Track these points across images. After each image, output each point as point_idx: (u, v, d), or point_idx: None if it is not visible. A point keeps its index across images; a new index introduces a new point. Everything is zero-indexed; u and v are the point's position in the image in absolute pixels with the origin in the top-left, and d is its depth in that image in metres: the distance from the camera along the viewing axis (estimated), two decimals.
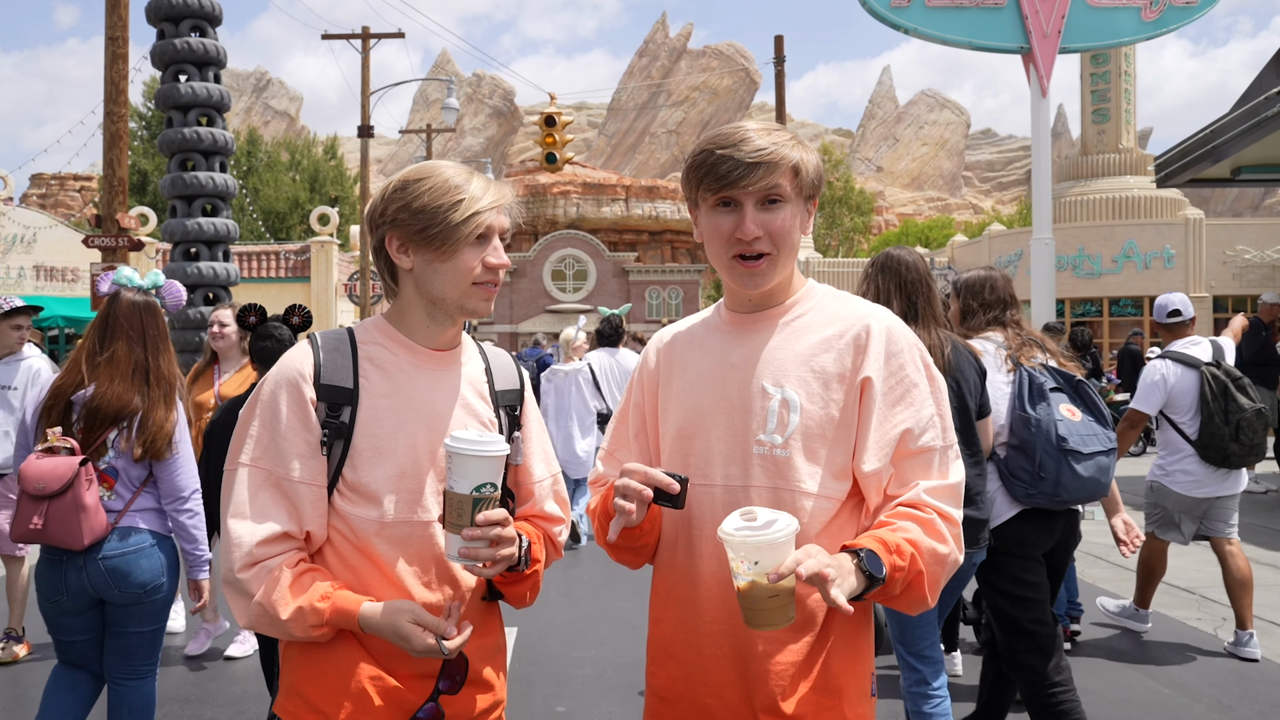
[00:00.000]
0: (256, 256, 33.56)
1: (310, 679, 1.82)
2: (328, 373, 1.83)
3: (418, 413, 1.85)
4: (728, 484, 1.78)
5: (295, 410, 1.81)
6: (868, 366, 1.77)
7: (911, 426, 1.76)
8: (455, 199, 1.81)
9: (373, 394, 1.84)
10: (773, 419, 1.77)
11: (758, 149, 1.72)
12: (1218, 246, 29.13)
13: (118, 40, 13.03)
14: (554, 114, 24.46)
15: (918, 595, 1.72)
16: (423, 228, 1.82)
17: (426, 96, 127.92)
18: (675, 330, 2.01)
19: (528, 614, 6.22)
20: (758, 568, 1.55)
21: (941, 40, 15.99)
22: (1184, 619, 6.14)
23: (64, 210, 68.90)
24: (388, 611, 1.73)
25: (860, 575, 1.62)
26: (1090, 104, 32.61)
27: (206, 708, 4.73)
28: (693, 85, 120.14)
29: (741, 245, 1.76)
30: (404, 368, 1.88)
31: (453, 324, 1.91)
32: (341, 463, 1.81)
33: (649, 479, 1.69)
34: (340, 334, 1.91)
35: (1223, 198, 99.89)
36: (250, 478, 1.79)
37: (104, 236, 13.15)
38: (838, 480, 1.76)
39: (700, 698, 1.80)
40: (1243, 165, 13.92)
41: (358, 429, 1.81)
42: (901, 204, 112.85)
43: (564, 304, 50.40)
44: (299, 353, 1.86)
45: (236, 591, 1.77)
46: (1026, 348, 3.88)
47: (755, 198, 1.74)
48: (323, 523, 1.82)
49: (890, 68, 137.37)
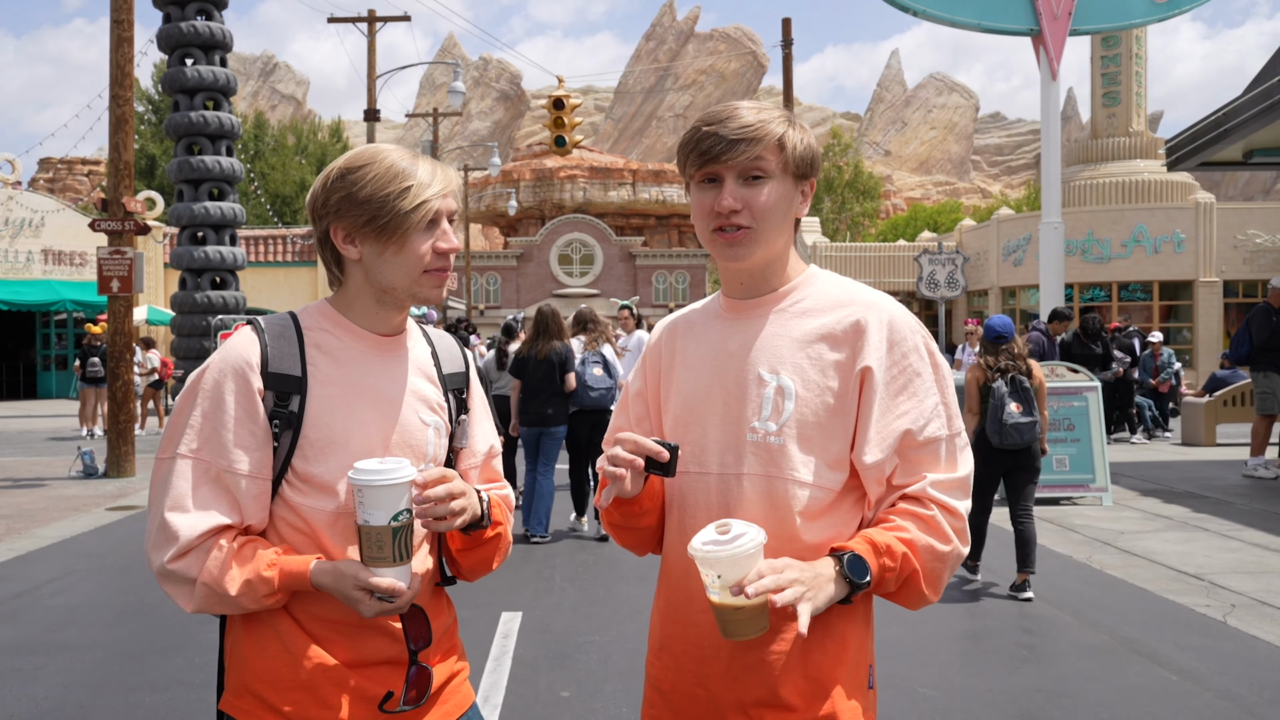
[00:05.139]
0: (263, 241, 33.56)
1: (261, 675, 1.76)
2: (275, 360, 1.76)
3: (368, 400, 1.80)
4: (722, 472, 1.75)
5: (241, 400, 1.73)
6: (868, 355, 1.73)
7: (915, 417, 1.72)
8: (402, 186, 1.75)
9: (322, 382, 1.78)
10: (767, 406, 1.74)
11: (742, 125, 1.71)
12: (1228, 231, 28.93)
13: (123, 23, 12.98)
14: (561, 97, 24.41)
15: (915, 592, 1.70)
16: (370, 218, 1.75)
17: (433, 80, 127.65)
18: (678, 317, 1.98)
19: (533, 598, 6.25)
20: (721, 581, 1.54)
21: (950, 22, 15.88)
22: (1192, 605, 6.11)
23: (72, 194, 68.96)
24: (336, 574, 1.68)
25: (842, 581, 1.61)
26: (1101, 87, 32.37)
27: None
28: (700, 69, 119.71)
29: (720, 218, 1.74)
30: (352, 354, 1.82)
31: (401, 310, 1.87)
32: (290, 453, 1.75)
33: (639, 447, 1.67)
34: (285, 320, 1.84)
35: (1234, 181, 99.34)
36: (191, 469, 1.71)
37: (110, 220, 13.13)
38: (833, 470, 1.73)
39: (692, 688, 1.77)
40: (1255, 148, 13.81)
41: (307, 418, 1.75)
42: (909, 188, 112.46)
43: (571, 288, 50.36)
44: (243, 340, 1.79)
45: (174, 581, 1.71)
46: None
47: (736, 171, 1.72)
48: (264, 515, 1.77)
49: (899, 51, 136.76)
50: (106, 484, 12.10)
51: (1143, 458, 13.76)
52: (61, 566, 7.44)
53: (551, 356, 8.38)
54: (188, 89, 23.11)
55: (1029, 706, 4.49)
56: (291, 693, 1.74)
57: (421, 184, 1.77)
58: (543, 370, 8.38)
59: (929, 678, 4.82)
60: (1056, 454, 9.81)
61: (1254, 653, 5.24)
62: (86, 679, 4.91)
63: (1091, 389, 10.03)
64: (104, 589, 6.82)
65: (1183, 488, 10.80)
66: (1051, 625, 5.77)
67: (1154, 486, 10.90)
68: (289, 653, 1.74)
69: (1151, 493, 10.47)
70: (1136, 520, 8.94)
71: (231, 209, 23.70)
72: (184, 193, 23.59)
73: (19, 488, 11.73)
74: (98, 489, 11.63)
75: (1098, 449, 9.83)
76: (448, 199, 1.81)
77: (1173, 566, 7.11)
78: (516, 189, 59.68)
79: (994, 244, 32.69)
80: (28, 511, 9.93)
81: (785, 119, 1.76)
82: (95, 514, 9.76)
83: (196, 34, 23.00)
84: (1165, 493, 10.46)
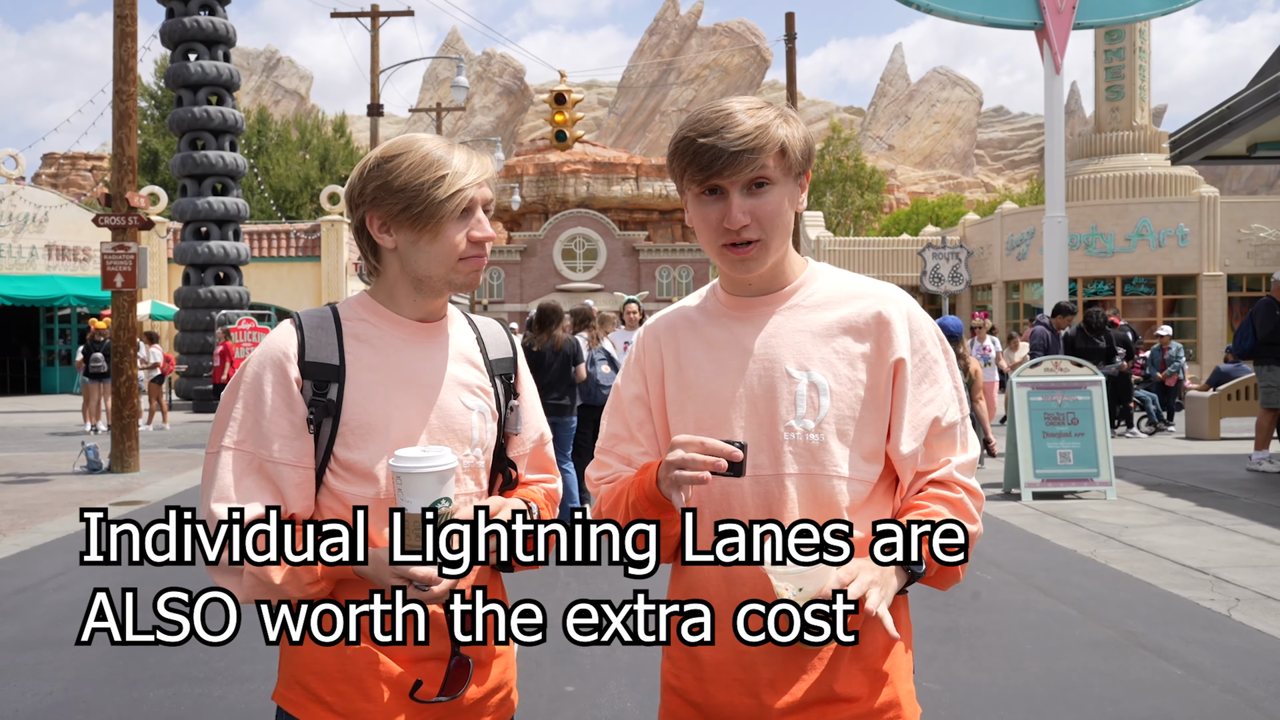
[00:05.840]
0: (267, 236, 33.55)
1: (309, 665, 1.78)
2: (312, 350, 1.78)
3: (407, 385, 1.81)
4: (756, 474, 1.71)
5: (279, 390, 1.76)
6: (899, 347, 1.74)
7: (940, 405, 1.76)
8: (437, 175, 1.75)
9: (360, 369, 1.79)
10: (802, 403, 1.71)
11: (742, 135, 1.65)
12: (1232, 224, 28.87)
13: (126, 18, 12.97)
14: (564, 92, 24.37)
15: (950, 574, 1.73)
16: (405, 206, 1.76)
17: (436, 75, 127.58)
18: (670, 316, 1.92)
19: (536, 592, 6.20)
20: (803, 594, 1.55)
21: (954, 16, 15.84)
22: (1197, 599, 6.10)
23: (75, 189, 68.99)
24: (376, 561, 1.69)
25: (901, 571, 1.65)
26: (1104, 81, 32.29)
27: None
28: (703, 63, 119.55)
29: (730, 234, 1.70)
30: (391, 341, 1.83)
31: (438, 297, 1.87)
32: (331, 441, 1.77)
33: (708, 449, 1.60)
34: (324, 312, 1.86)
35: (1238, 175, 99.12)
36: (235, 461, 1.74)
37: (114, 215, 13.13)
38: (868, 462, 1.73)
39: (735, 698, 1.73)
40: (1259, 142, 13.78)
41: (346, 405, 1.77)
42: (913, 182, 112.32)
43: (574, 283, 50.34)
44: (282, 332, 1.82)
45: (225, 572, 1.72)
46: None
47: (741, 184, 1.68)
48: (308, 504, 1.78)
49: (902, 45, 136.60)
50: (110, 479, 12.12)
51: (1147, 452, 13.74)
52: (65, 562, 7.44)
53: (565, 348, 8.60)
54: (191, 84, 23.11)
55: (1033, 700, 4.49)
56: (337, 684, 1.76)
57: (456, 173, 1.77)
58: (559, 361, 8.59)
59: (933, 671, 4.82)
60: (1060, 448, 9.80)
61: (1259, 647, 5.23)
62: (90, 674, 4.91)
63: (1095, 383, 10.02)
64: (107, 584, 6.82)
65: (1187, 482, 10.78)
66: (1056, 619, 5.76)
67: (1158, 480, 10.88)
68: (335, 646, 1.76)
69: (1156, 487, 10.46)
70: (1141, 514, 8.93)
71: (235, 204, 23.70)
72: (187, 188, 23.60)
73: (23, 483, 11.75)
74: (101, 484, 11.64)
75: (1101, 443, 9.81)
76: (483, 188, 1.81)
77: (1177, 561, 7.10)
78: (520, 184, 59.62)
79: (997, 238, 32.65)
80: (31, 507, 9.94)
81: (781, 117, 1.71)
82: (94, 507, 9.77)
83: (200, 29, 22.99)
84: (1169, 487, 10.44)
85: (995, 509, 9.19)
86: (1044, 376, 10.07)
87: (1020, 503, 9.58)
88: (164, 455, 14.42)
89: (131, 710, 4.44)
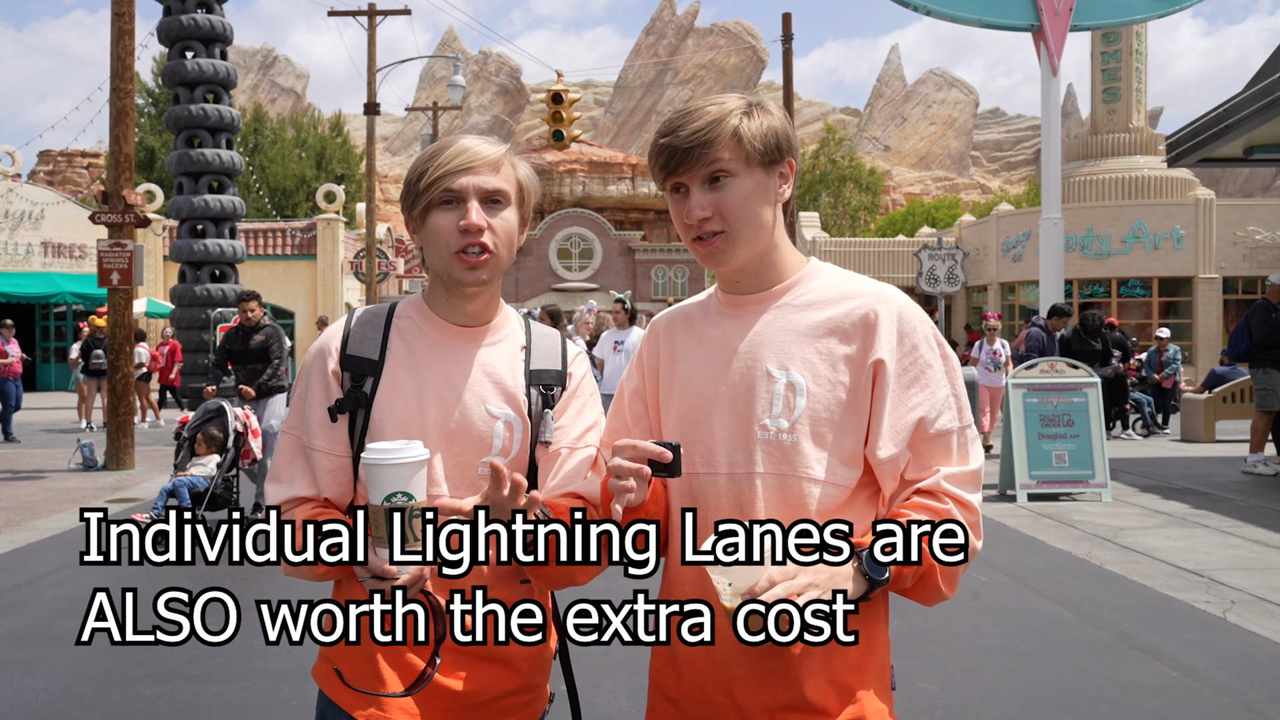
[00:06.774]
0: (263, 234, 33.49)
1: (336, 646, 1.85)
2: (354, 344, 1.87)
3: (432, 386, 1.83)
4: (731, 471, 1.71)
5: (320, 380, 1.87)
6: (880, 348, 1.70)
7: (928, 410, 1.70)
8: (425, 166, 1.82)
9: (393, 366, 1.85)
10: (778, 403, 1.70)
11: (693, 131, 1.67)
12: (1228, 227, 28.92)
13: (123, 16, 12.95)
14: (561, 91, 24.34)
15: (932, 588, 1.67)
16: (410, 202, 1.85)
17: (433, 74, 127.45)
18: (675, 312, 1.94)
19: None
20: (732, 589, 1.53)
21: (951, 18, 15.85)
22: (1192, 601, 6.12)
23: (72, 187, 68.85)
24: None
25: (861, 578, 1.60)
26: (1101, 83, 32.35)
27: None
28: (700, 63, 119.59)
29: (693, 228, 1.72)
30: (427, 342, 1.88)
31: (471, 301, 1.87)
32: (364, 433, 1.82)
33: (639, 452, 1.63)
34: (380, 308, 1.95)
35: (1233, 178, 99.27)
36: (288, 445, 1.89)
37: (110, 213, 13.12)
38: (846, 466, 1.70)
39: (711, 695, 1.73)
40: (1255, 145, 13.81)
41: (376, 400, 1.83)
42: (909, 183, 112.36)
43: (570, 282, 50.32)
44: (335, 326, 1.92)
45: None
46: None
47: (699, 178, 1.69)
48: (342, 491, 1.86)
49: (899, 46, 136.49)
50: (106, 476, 12.10)
51: (1142, 454, 13.77)
52: (61, 558, 7.44)
53: None
54: (188, 82, 23.05)
55: (1029, 702, 4.50)
56: (356, 661, 1.81)
57: (440, 162, 1.80)
58: None
59: (929, 673, 4.83)
60: (1056, 450, 9.82)
61: (1254, 649, 5.24)
62: (86, 671, 4.91)
63: (1091, 385, 10.04)
64: (103, 581, 6.81)
65: (1182, 484, 10.80)
66: (1051, 621, 5.77)
67: (1153, 483, 10.90)
68: (355, 624, 1.81)
69: (1151, 489, 10.48)
70: (1136, 516, 8.95)
71: (231, 202, 23.64)
72: (184, 186, 23.53)
73: (18, 480, 11.73)
74: (97, 481, 11.63)
75: (1097, 445, 9.83)
76: (477, 175, 1.81)
77: (1172, 563, 7.11)
78: None
79: (993, 240, 32.68)
80: (27, 503, 9.93)
81: (743, 109, 1.71)
82: (95, 506, 9.77)
83: (197, 27, 22.94)
84: (1165, 489, 10.47)
85: (990, 511, 9.21)
86: (1040, 378, 10.09)
87: (1015, 504, 9.60)
88: (159, 452, 14.40)
89: (127, 707, 4.44)
